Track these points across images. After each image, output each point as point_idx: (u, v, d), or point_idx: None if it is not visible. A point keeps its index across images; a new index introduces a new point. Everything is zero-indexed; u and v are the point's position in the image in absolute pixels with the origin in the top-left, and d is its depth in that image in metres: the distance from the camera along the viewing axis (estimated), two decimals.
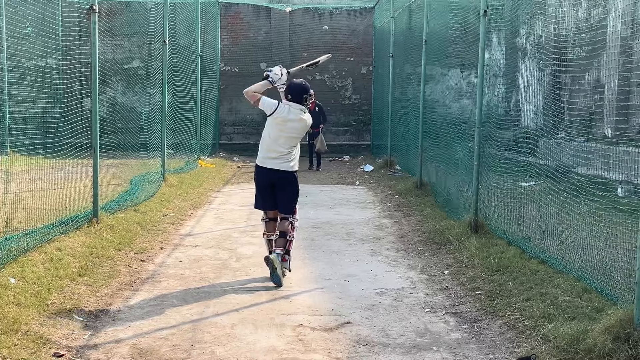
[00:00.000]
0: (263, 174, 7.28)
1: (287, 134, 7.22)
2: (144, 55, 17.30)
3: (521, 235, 7.78)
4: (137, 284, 7.06)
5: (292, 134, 7.24)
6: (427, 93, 13.05)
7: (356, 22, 23.25)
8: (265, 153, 7.27)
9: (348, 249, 8.80)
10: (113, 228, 8.80)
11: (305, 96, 7.37)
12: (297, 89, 7.37)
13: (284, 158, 7.23)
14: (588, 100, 13.25)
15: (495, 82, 17.40)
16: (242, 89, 7.39)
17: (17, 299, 5.86)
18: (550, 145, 9.09)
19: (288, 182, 7.28)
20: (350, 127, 23.37)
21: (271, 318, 6.01)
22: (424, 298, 6.70)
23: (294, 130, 7.25)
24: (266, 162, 7.25)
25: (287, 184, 7.28)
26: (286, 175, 7.25)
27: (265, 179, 7.28)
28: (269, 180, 7.26)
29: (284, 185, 7.27)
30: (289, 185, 7.30)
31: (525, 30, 16.68)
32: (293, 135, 7.27)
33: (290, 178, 7.29)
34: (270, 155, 7.23)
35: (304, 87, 7.43)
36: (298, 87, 7.39)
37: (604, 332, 4.85)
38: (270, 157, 7.23)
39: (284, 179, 7.24)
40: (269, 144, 7.25)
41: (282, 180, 7.24)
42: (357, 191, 14.34)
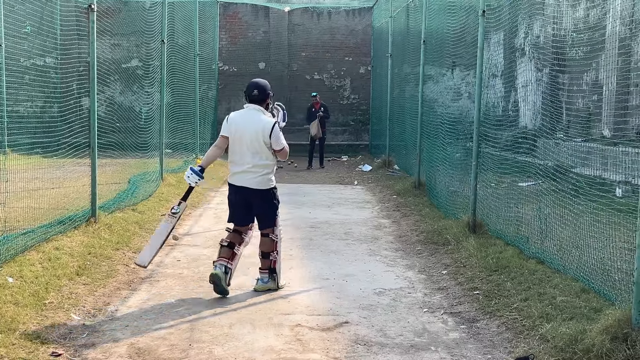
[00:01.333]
0: (233, 191, 6.75)
1: (247, 144, 6.58)
2: (142, 54, 17.28)
3: (519, 235, 7.78)
4: (135, 283, 7.05)
5: (252, 142, 6.57)
6: (426, 93, 13.05)
7: (355, 21, 23.25)
8: (231, 167, 6.75)
9: (346, 248, 8.80)
10: (111, 227, 8.80)
11: (256, 92, 6.66)
12: (248, 85, 6.77)
13: (253, 173, 6.60)
14: (586, 100, 13.26)
15: (494, 82, 17.43)
16: (240, 88, 7.20)
17: (14, 298, 5.86)
18: (548, 146, 9.09)
19: (263, 199, 6.70)
20: (349, 127, 23.38)
21: (269, 318, 6.01)
22: (422, 298, 6.70)
23: (251, 137, 6.57)
24: (235, 179, 6.72)
25: (260, 201, 6.70)
26: (260, 194, 6.66)
27: (235, 197, 6.74)
28: (241, 197, 6.69)
29: (259, 202, 6.71)
30: (263, 202, 6.72)
31: (523, 30, 16.69)
32: (254, 143, 6.57)
33: (262, 195, 6.67)
34: (236, 169, 6.69)
35: (252, 83, 6.79)
36: (249, 83, 6.79)
37: (602, 332, 4.86)
38: (237, 172, 6.68)
39: (258, 197, 6.66)
40: (230, 157, 6.75)
41: (257, 198, 6.66)
42: (355, 191, 14.34)
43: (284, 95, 23.10)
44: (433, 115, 12.48)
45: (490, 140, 9.71)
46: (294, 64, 23.31)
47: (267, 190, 6.69)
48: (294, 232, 9.75)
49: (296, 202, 12.53)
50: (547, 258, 6.98)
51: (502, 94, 17.01)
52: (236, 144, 6.62)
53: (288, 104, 22.97)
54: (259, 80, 6.88)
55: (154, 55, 13.63)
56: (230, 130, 6.66)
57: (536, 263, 7.00)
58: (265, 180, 6.66)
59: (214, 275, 6.51)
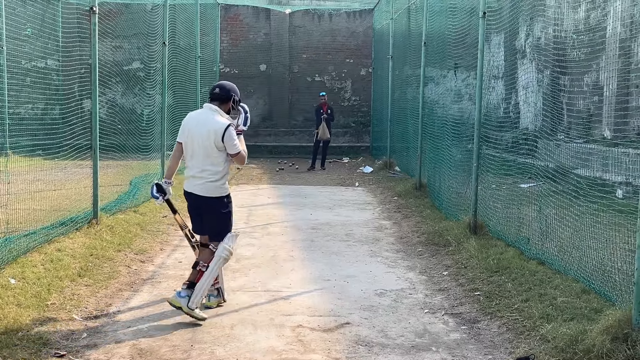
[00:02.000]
0: (186, 197, 6.32)
1: (198, 145, 6.13)
2: (143, 56, 17.33)
3: (520, 236, 7.80)
4: (137, 284, 7.07)
5: (203, 143, 6.10)
6: (427, 95, 13.07)
7: (355, 23, 23.28)
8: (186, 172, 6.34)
9: (347, 250, 8.81)
10: (113, 229, 8.82)
11: (217, 90, 6.23)
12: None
13: (200, 178, 6.14)
14: (587, 101, 13.27)
15: (495, 83, 17.44)
16: (241, 90, 6.63)
17: (17, 300, 5.88)
18: (549, 147, 9.11)
19: (211, 208, 6.18)
20: (350, 128, 23.40)
21: (270, 319, 6.02)
22: (423, 299, 6.71)
23: (202, 138, 6.09)
24: (186, 183, 6.31)
25: (207, 210, 6.20)
26: (207, 201, 6.16)
27: (188, 203, 6.32)
28: (192, 204, 6.27)
29: (208, 211, 6.21)
30: (210, 212, 6.20)
31: (524, 32, 16.70)
32: (205, 144, 6.08)
33: (212, 204, 6.17)
34: (187, 173, 6.28)
35: (218, 82, 6.47)
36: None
37: (603, 332, 4.87)
38: (188, 176, 6.27)
39: (205, 204, 6.18)
40: (185, 160, 6.34)
41: (205, 205, 6.19)
42: (356, 192, 14.35)
43: (285, 97, 23.15)
44: (434, 117, 12.50)
45: (492, 142, 9.73)
46: (295, 66, 23.34)
47: (215, 198, 6.12)
48: (295, 234, 9.77)
49: (297, 203, 12.55)
50: (547, 259, 6.99)
51: (503, 95, 17.03)
52: (189, 146, 6.14)
53: (289, 106, 23.06)
54: (226, 82, 6.43)
55: (156, 57, 13.66)
56: (184, 133, 6.20)
57: (537, 264, 7.01)
58: (213, 188, 6.09)
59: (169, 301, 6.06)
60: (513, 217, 8.34)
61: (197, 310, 5.90)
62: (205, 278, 5.99)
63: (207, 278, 6.00)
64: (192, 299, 5.88)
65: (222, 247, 6.11)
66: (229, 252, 6.14)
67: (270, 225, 10.44)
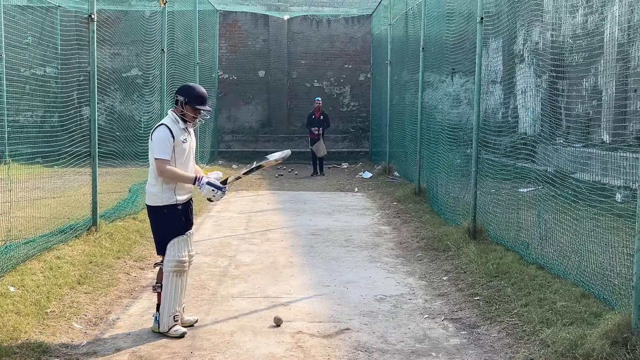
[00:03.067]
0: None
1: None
2: (142, 63, 17.34)
3: (519, 241, 7.80)
4: (136, 291, 7.07)
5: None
6: (425, 100, 13.09)
7: (354, 29, 23.32)
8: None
9: (347, 255, 8.81)
10: (112, 236, 8.82)
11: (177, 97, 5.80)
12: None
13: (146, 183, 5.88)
14: (585, 106, 13.29)
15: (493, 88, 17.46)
16: (240, 96, 6.57)
17: (16, 308, 5.87)
18: (548, 151, 9.12)
19: (150, 216, 5.89)
20: (349, 134, 23.42)
21: (270, 325, 6.02)
22: (423, 304, 6.71)
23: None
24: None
25: (150, 219, 5.92)
26: (147, 209, 5.89)
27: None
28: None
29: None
30: (151, 220, 5.92)
31: (522, 36, 16.73)
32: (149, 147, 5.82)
33: (148, 211, 5.87)
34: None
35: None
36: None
37: (602, 336, 4.87)
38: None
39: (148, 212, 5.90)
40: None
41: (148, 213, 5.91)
42: (355, 198, 14.35)
43: (283, 103, 23.18)
44: (433, 122, 12.52)
45: (490, 147, 9.74)
46: (294, 72, 23.38)
47: (151, 207, 5.78)
48: (294, 240, 9.77)
49: (297, 209, 12.55)
50: (547, 263, 6.99)
51: (501, 100, 17.05)
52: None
53: (288, 112, 23.08)
54: (190, 84, 6.11)
55: (154, 64, 13.68)
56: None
57: (536, 268, 7.01)
58: (149, 195, 5.78)
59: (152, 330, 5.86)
60: (512, 221, 8.34)
61: (173, 330, 5.68)
62: (164, 298, 5.71)
63: (165, 298, 5.71)
64: (160, 321, 5.71)
65: (166, 261, 5.73)
66: (176, 262, 5.72)
67: (269, 231, 10.44)
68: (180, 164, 5.74)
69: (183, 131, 5.77)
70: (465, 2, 10.70)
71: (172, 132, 5.65)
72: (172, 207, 5.74)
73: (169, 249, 5.72)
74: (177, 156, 5.71)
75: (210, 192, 5.73)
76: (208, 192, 5.73)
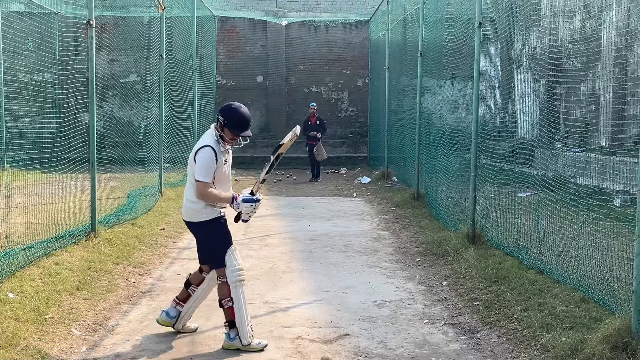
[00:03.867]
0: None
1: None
2: (140, 69, 17.35)
3: (519, 245, 7.80)
4: (135, 297, 7.05)
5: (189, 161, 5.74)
6: (424, 105, 13.10)
7: (352, 34, 23.36)
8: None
9: (346, 260, 8.81)
10: (111, 242, 8.80)
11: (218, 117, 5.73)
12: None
13: (184, 199, 5.84)
14: (584, 110, 13.31)
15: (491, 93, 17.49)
16: (238, 102, 6.36)
17: (15, 314, 5.86)
18: (546, 156, 9.13)
19: (194, 232, 5.89)
20: (347, 139, 23.44)
21: (270, 330, 6.01)
22: (423, 309, 6.70)
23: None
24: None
25: (194, 235, 5.92)
26: (188, 225, 5.88)
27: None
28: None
29: (194, 236, 5.94)
30: (196, 236, 5.90)
31: (520, 41, 16.77)
32: (189, 162, 5.73)
33: (193, 228, 5.84)
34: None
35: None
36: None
37: (602, 341, 4.87)
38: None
39: (189, 228, 5.92)
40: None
41: (190, 230, 5.94)
42: (354, 203, 14.35)
43: (282, 108, 23.19)
44: (431, 127, 12.53)
45: (489, 152, 9.75)
46: (292, 77, 23.40)
47: (196, 223, 5.71)
48: (293, 245, 9.77)
49: (295, 214, 12.55)
50: (546, 268, 6.99)
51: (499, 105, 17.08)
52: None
53: (286, 117, 23.09)
54: (232, 103, 5.80)
55: (153, 70, 13.69)
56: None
57: (536, 273, 7.01)
58: (191, 212, 5.70)
59: (157, 320, 5.98)
60: (511, 226, 8.34)
61: (254, 342, 5.56)
62: (238, 310, 5.57)
63: (239, 310, 5.58)
64: (242, 334, 5.53)
65: (230, 272, 5.62)
66: (239, 271, 5.65)
67: (268, 236, 10.44)
68: (220, 185, 5.65)
69: (223, 152, 5.67)
70: (463, 8, 10.72)
71: (216, 155, 5.53)
72: (217, 219, 5.68)
73: (228, 260, 5.62)
74: (218, 178, 5.63)
75: (248, 207, 5.59)
76: (247, 208, 5.60)
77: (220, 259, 5.65)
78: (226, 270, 5.61)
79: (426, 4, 12.50)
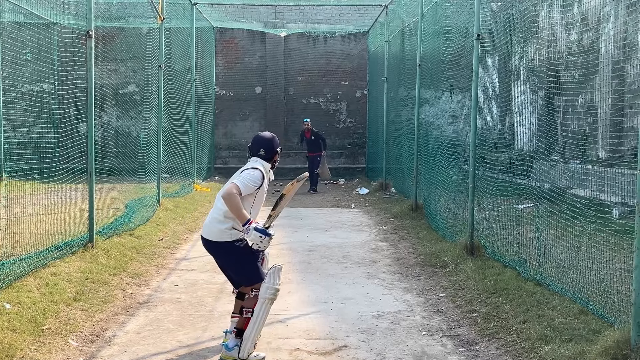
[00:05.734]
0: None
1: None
2: (139, 79, 17.38)
3: (517, 257, 7.79)
4: (132, 308, 7.03)
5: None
6: (422, 116, 13.12)
7: (350, 46, 23.42)
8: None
9: (344, 272, 8.79)
10: (108, 252, 8.78)
11: (262, 151, 5.81)
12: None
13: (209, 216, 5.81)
14: (582, 122, 13.34)
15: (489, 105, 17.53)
16: (237, 112, 6.24)
17: (12, 325, 5.83)
18: (545, 168, 9.14)
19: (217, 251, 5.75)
20: (345, 150, 23.46)
21: (268, 342, 5.98)
22: (421, 321, 6.68)
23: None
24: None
25: (217, 254, 5.78)
26: (209, 245, 5.74)
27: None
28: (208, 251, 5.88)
29: (217, 255, 5.81)
30: (221, 256, 5.77)
31: (518, 53, 16.82)
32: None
33: (215, 247, 5.70)
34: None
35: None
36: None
37: (601, 353, 4.85)
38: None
39: (210, 248, 5.77)
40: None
41: (210, 249, 5.79)
42: (352, 214, 14.34)
43: (280, 119, 23.21)
44: (429, 138, 12.54)
45: (487, 163, 9.76)
46: (291, 88, 23.45)
47: (223, 244, 5.60)
48: (291, 256, 9.74)
49: (294, 225, 12.54)
50: (545, 280, 6.98)
51: (497, 116, 17.11)
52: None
53: (284, 128, 23.12)
54: (262, 135, 5.94)
55: (151, 80, 13.71)
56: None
57: (534, 285, 7.00)
58: (218, 232, 5.59)
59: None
60: (510, 238, 8.33)
61: (252, 356, 5.52)
62: (253, 324, 5.48)
63: (254, 324, 5.48)
64: (242, 347, 5.46)
65: (266, 287, 5.51)
66: (274, 290, 5.54)
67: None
68: (252, 209, 5.61)
69: (266, 182, 5.72)
70: (461, 20, 10.76)
71: (262, 181, 5.57)
72: (241, 240, 5.60)
73: (270, 275, 5.55)
74: (256, 202, 5.64)
75: (257, 237, 5.37)
76: (255, 237, 5.39)
77: (254, 276, 5.56)
78: (262, 284, 5.52)
79: (424, 16, 12.54)
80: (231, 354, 5.49)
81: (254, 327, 5.47)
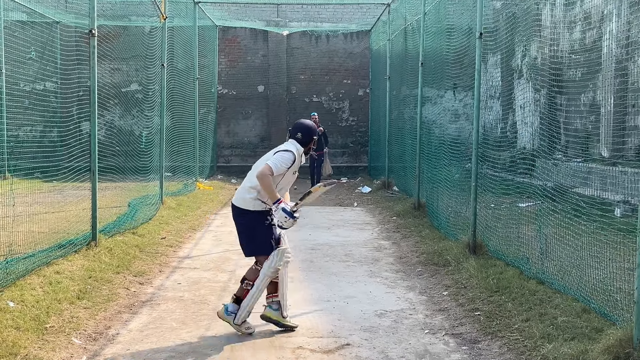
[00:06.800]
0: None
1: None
2: (142, 78, 17.39)
3: (520, 255, 7.79)
4: (135, 306, 7.04)
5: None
6: (424, 114, 13.12)
7: (353, 45, 23.42)
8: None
9: (347, 270, 8.80)
10: (112, 251, 8.80)
11: (299, 135, 6.40)
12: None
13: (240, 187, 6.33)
14: (584, 121, 13.33)
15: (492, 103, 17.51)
16: (239, 111, 6.82)
17: (16, 323, 5.85)
18: (547, 166, 9.14)
19: (239, 217, 6.28)
20: (348, 148, 23.46)
21: (270, 340, 6.00)
22: (424, 319, 6.69)
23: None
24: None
25: (238, 220, 6.30)
26: (236, 211, 6.26)
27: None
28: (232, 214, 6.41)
29: (237, 222, 6.32)
30: (242, 223, 6.28)
31: (520, 52, 16.80)
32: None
33: (240, 213, 6.24)
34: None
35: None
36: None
37: (604, 352, 4.86)
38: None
39: (235, 214, 6.30)
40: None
41: (235, 217, 6.31)
42: (355, 213, 14.35)
43: (282, 117, 23.22)
44: (432, 137, 12.54)
45: (490, 162, 9.76)
46: (293, 87, 23.45)
47: (245, 212, 6.17)
48: (294, 254, 9.72)
49: (296, 223, 12.52)
50: (547, 278, 6.98)
51: (500, 115, 17.09)
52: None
53: (287, 127, 23.09)
54: (302, 123, 6.49)
55: (154, 79, 13.72)
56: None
57: (537, 283, 7.00)
58: (242, 199, 6.16)
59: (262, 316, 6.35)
60: (512, 236, 8.33)
61: (244, 326, 6.12)
62: (250, 296, 6.15)
63: (252, 296, 6.16)
64: (238, 315, 6.10)
65: (267, 265, 6.19)
66: (275, 269, 6.23)
67: None
68: (280, 188, 6.23)
69: (297, 164, 6.31)
70: (464, 18, 10.75)
71: (293, 163, 6.18)
72: (263, 213, 6.19)
73: (274, 255, 6.21)
74: (283, 182, 6.26)
75: (282, 216, 6.03)
76: (281, 216, 6.03)
77: (262, 248, 6.20)
78: (265, 262, 6.17)
79: (427, 15, 12.53)
80: (228, 318, 6.10)
81: (251, 299, 6.13)
